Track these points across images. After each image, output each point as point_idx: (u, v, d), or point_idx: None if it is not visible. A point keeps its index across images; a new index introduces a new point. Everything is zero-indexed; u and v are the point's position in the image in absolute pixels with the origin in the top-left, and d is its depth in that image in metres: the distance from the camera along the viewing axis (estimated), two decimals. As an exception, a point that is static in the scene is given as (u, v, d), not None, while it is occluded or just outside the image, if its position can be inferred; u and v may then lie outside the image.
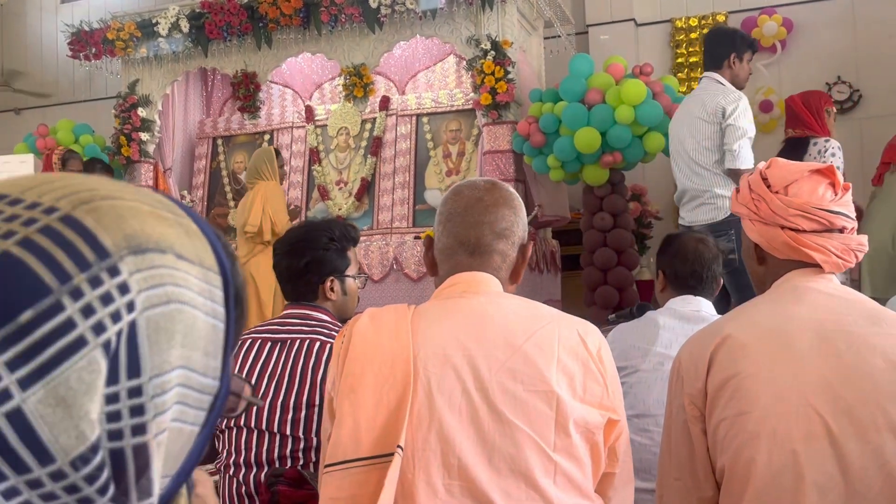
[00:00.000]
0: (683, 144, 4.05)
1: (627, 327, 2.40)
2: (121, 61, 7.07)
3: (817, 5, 6.82)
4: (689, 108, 4.10)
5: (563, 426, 1.19)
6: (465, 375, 1.20)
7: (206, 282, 0.46)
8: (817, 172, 1.49)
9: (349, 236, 2.25)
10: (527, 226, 1.43)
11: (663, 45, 7.25)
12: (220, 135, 7.60)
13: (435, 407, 1.18)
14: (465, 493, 1.15)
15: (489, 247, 1.36)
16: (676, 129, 4.18)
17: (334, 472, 1.17)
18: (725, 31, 4.14)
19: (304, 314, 2.11)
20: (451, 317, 1.28)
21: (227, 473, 2.02)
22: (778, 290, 1.50)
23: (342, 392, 1.23)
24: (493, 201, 1.38)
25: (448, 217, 1.40)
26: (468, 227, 1.38)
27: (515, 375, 1.20)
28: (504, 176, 5.88)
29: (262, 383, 2.01)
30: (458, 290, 1.33)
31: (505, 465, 1.16)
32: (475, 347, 1.22)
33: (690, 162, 4.00)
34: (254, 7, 6.32)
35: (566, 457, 1.19)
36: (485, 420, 1.17)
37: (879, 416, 1.31)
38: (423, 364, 1.21)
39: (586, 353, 1.25)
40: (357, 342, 1.26)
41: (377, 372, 1.21)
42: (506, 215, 1.38)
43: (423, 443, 1.17)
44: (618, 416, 1.27)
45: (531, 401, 1.18)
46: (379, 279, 6.01)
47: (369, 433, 1.16)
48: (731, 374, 1.38)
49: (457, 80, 7.00)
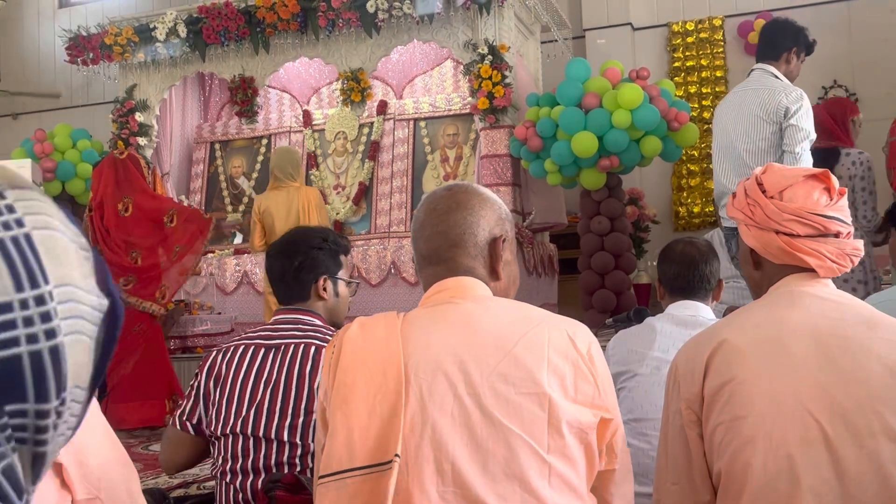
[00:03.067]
0: (733, 141, 3.71)
1: (626, 333, 2.42)
2: (118, 66, 7.08)
3: (814, 9, 6.84)
4: (743, 101, 3.72)
5: (556, 427, 1.19)
6: (457, 381, 1.20)
7: (65, 217, 0.51)
8: (812, 177, 1.50)
9: (341, 243, 2.27)
10: (502, 218, 1.43)
11: (660, 49, 7.27)
12: (218, 139, 7.60)
13: (427, 414, 1.18)
14: (460, 498, 1.15)
15: (448, 254, 1.37)
16: (725, 123, 3.80)
17: (329, 482, 1.17)
18: (791, 24, 3.81)
19: (296, 319, 2.12)
20: (440, 323, 1.29)
21: (224, 480, 2.02)
22: (774, 295, 1.51)
23: (334, 402, 1.23)
24: (446, 208, 1.39)
25: (413, 231, 1.45)
26: (426, 240, 1.40)
27: (507, 379, 1.20)
28: (501, 180, 5.89)
29: (257, 390, 2.01)
30: (446, 297, 1.34)
31: (499, 469, 1.16)
32: (466, 353, 1.22)
33: (740, 161, 3.66)
34: (251, 12, 6.33)
35: (560, 458, 1.19)
36: (478, 425, 1.18)
37: (875, 421, 1.31)
38: (415, 371, 1.21)
39: (576, 354, 1.25)
40: (347, 351, 1.27)
41: (369, 381, 1.21)
42: (459, 220, 1.38)
43: (416, 450, 1.17)
44: (611, 414, 1.27)
45: (523, 403, 1.19)
46: (377, 283, 6.01)
47: (363, 443, 1.17)
48: (728, 379, 1.39)
49: (454, 85, 7.01)
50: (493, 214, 1.42)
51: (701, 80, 7.04)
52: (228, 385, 2.04)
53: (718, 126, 3.87)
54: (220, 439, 2.05)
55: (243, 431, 2.00)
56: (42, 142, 6.91)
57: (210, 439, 2.10)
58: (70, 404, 0.49)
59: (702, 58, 7.05)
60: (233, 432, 2.01)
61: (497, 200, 1.47)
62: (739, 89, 3.84)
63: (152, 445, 4.88)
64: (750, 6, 7.00)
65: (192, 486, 2.89)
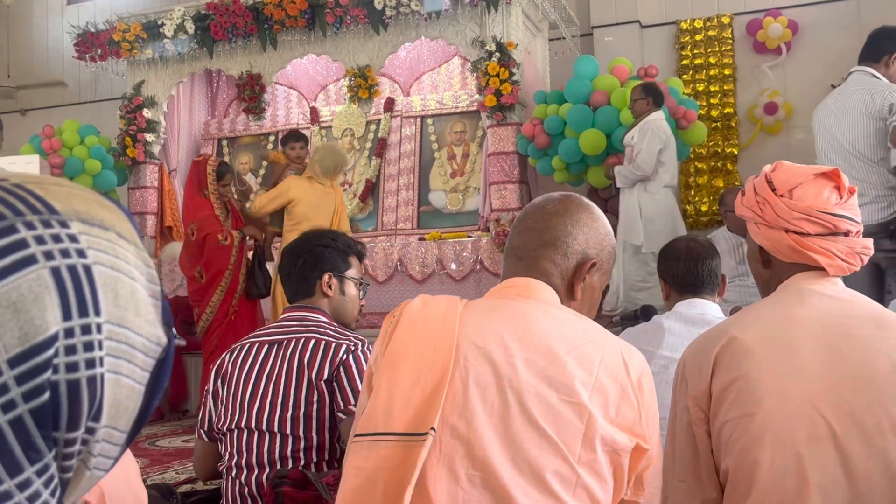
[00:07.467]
0: (839, 141, 3.89)
1: (634, 331, 2.42)
2: (126, 62, 7.09)
3: (823, 7, 6.82)
4: (847, 101, 3.93)
5: (591, 441, 1.19)
6: (503, 373, 1.21)
7: (143, 262, 0.50)
8: (822, 176, 1.49)
9: (354, 246, 2.30)
10: (603, 246, 1.40)
11: (668, 46, 7.25)
12: (226, 136, 7.62)
13: (469, 398, 1.20)
14: (486, 485, 1.16)
15: (534, 252, 1.37)
16: (828, 125, 4.00)
17: (363, 441, 1.19)
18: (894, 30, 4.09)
19: (301, 316, 2.15)
20: (499, 315, 1.30)
21: (230, 475, 2.03)
22: (782, 293, 1.50)
23: (382, 367, 1.25)
24: (553, 210, 1.39)
25: (514, 223, 1.45)
26: (520, 233, 1.40)
27: (551, 383, 1.20)
28: (508, 178, 5.89)
29: (259, 384, 2.04)
30: (512, 293, 1.35)
31: (527, 466, 1.17)
32: (517, 348, 1.23)
33: (848, 160, 3.82)
34: (259, 8, 6.34)
35: (589, 471, 1.19)
36: (514, 419, 1.18)
37: (884, 419, 1.31)
38: (465, 354, 1.23)
39: (626, 378, 1.25)
40: (405, 322, 1.29)
41: (420, 353, 1.23)
42: (559, 224, 1.37)
43: (452, 430, 1.18)
44: (648, 445, 1.26)
45: (563, 411, 1.19)
46: (383, 281, 6.01)
47: (403, 410, 1.18)
48: (736, 377, 1.39)
49: (461, 82, 7.00)
50: (596, 237, 1.40)
51: (709, 78, 7.01)
52: (234, 382, 2.07)
53: (822, 128, 4.04)
54: (225, 435, 2.07)
55: (247, 426, 2.02)
56: (50, 138, 6.93)
57: (217, 437, 2.11)
58: (102, 442, 0.48)
59: (710, 56, 7.02)
60: (237, 427, 2.04)
61: (608, 228, 1.43)
62: (843, 91, 4.04)
63: (159, 441, 4.90)
64: (759, 4, 6.97)
65: (199, 482, 2.90)
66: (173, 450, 4.60)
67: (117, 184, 7.09)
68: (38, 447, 0.44)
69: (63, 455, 0.46)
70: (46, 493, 0.45)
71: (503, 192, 5.84)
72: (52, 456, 0.45)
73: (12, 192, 0.45)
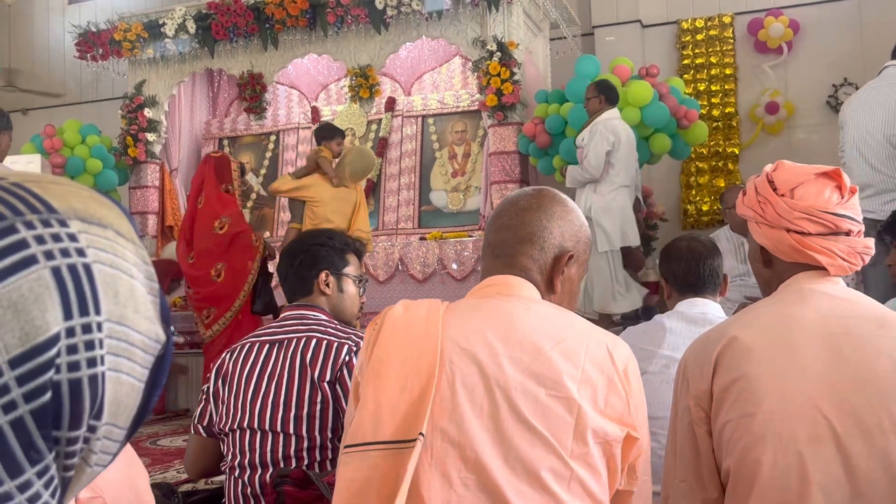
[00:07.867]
0: (873, 132, 3.93)
1: (636, 330, 2.41)
2: (127, 62, 7.10)
3: (824, 7, 6.81)
4: (881, 96, 3.98)
5: (582, 434, 1.19)
6: (489, 373, 1.21)
7: (141, 259, 0.50)
8: (824, 175, 1.49)
9: (351, 244, 2.30)
10: (579, 237, 1.41)
11: (669, 46, 7.24)
12: (227, 135, 7.62)
13: (457, 400, 1.19)
14: (480, 487, 1.16)
15: (511, 249, 1.37)
16: (862, 117, 4.03)
17: (353, 453, 1.19)
18: None
19: (301, 315, 2.15)
20: (481, 315, 1.29)
21: (233, 475, 2.03)
22: (784, 293, 1.50)
23: (367, 376, 1.25)
24: (527, 206, 1.39)
25: (488, 221, 1.45)
26: (496, 230, 1.40)
27: (539, 379, 1.20)
28: (509, 177, 5.89)
29: (261, 384, 2.03)
30: (493, 291, 1.35)
31: (520, 465, 1.17)
32: (501, 347, 1.23)
33: (886, 149, 3.87)
34: (260, 8, 6.34)
35: (582, 465, 1.19)
36: (504, 419, 1.18)
37: (885, 418, 1.31)
38: (449, 357, 1.23)
39: (612, 368, 1.25)
40: (387, 329, 1.29)
41: (404, 359, 1.23)
42: (534, 220, 1.37)
43: (443, 434, 1.18)
44: (638, 434, 1.26)
45: (552, 406, 1.19)
46: (384, 280, 6.01)
47: (390, 418, 1.18)
48: (737, 376, 1.39)
49: (462, 82, 7.00)
50: (571, 229, 1.40)
51: (710, 78, 7.01)
52: (235, 382, 2.07)
53: (853, 121, 4.06)
54: (228, 435, 2.07)
55: (250, 425, 2.02)
56: (51, 137, 6.93)
57: (219, 436, 2.12)
58: (102, 439, 0.49)
59: (711, 55, 7.02)
60: (240, 427, 2.04)
61: (582, 220, 1.44)
62: (872, 86, 4.10)
63: (160, 440, 4.90)
64: (760, 4, 6.97)
65: (201, 481, 2.90)
66: (174, 449, 4.60)
67: (118, 183, 7.09)
68: (38, 447, 0.44)
69: (65, 454, 0.47)
70: (47, 493, 0.45)
71: (504, 191, 5.84)
72: (52, 456, 0.45)
73: (11, 192, 0.45)
